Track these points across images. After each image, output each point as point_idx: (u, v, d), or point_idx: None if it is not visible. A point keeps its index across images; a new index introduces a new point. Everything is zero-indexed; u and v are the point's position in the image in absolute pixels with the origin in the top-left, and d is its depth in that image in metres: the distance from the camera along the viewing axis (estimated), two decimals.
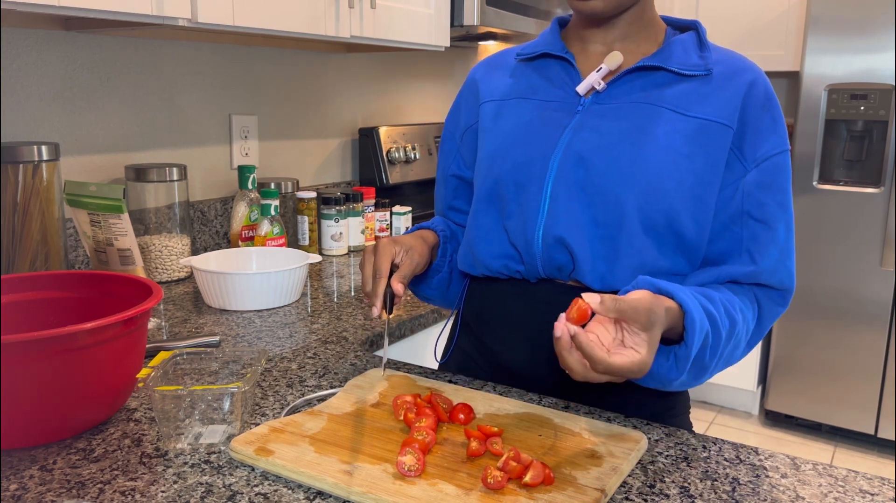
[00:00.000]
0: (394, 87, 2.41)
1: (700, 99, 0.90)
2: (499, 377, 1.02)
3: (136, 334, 0.87)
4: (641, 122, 0.90)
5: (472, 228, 1.00)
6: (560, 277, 0.94)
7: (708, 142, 0.89)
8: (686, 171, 0.88)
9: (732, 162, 0.90)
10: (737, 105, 0.89)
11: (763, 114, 0.90)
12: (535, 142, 0.94)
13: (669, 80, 0.92)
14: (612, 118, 0.91)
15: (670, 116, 0.89)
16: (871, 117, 2.74)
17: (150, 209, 1.54)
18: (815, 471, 0.79)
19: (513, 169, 0.95)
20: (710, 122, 0.89)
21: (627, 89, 0.93)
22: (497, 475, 0.71)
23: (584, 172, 0.90)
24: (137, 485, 0.74)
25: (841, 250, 2.85)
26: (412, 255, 0.97)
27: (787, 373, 3.04)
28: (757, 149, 0.90)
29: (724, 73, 0.91)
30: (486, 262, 0.98)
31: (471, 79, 1.08)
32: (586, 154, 0.90)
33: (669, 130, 0.89)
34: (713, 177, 0.89)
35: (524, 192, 0.93)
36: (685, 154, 0.88)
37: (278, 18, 1.44)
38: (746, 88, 0.90)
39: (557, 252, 0.92)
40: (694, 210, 0.89)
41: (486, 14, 1.96)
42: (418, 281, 1.07)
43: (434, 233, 1.06)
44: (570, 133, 0.92)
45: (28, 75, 1.45)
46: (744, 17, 3.14)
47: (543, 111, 0.96)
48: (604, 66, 0.93)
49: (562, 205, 0.91)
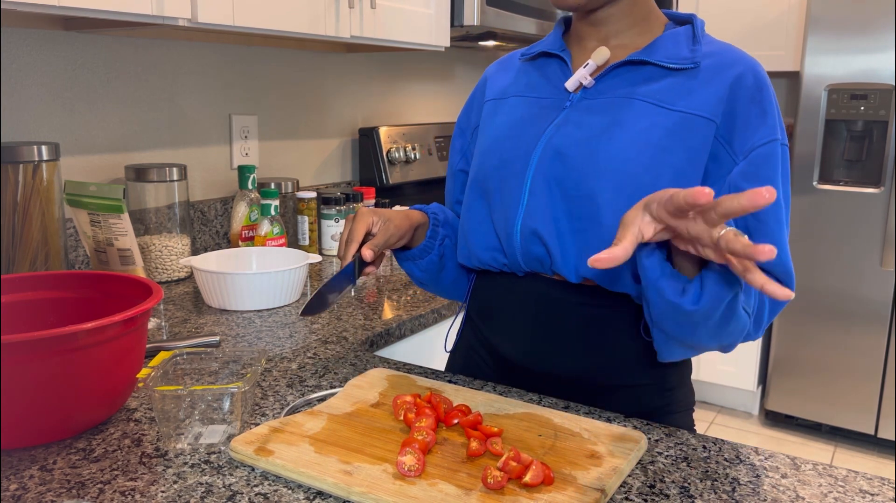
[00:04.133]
0: (394, 87, 2.41)
1: (685, 93, 0.90)
2: (500, 370, 1.03)
3: (136, 334, 0.87)
4: (622, 117, 0.90)
5: (465, 220, 1.03)
6: (543, 271, 0.95)
7: (688, 136, 0.88)
8: (664, 164, 0.88)
9: (722, 156, 0.89)
10: (722, 98, 0.88)
11: (751, 105, 0.89)
12: (521, 137, 0.96)
13: (656, 75, 0.92)
14: (595, 113, 0.92)
15: (651, 110, 0.89)
16: (871, 117, 2.74)
17: (150, 209, 1.54)
18: (815, 471, 0.79)
19: (499, 163, 0.97)
20: (691, 115, 0.88)
21: (614, 84, 0.93)
22: (497, 475, 0.71)
23: (561, 166, 0.91)
24: (137, 485, 0.74)
25: (841, 250, 2.85)
26: (388, 227, 0.99)
27: (787, 373, 3.04)
28: (745, 141, 0.88)
29: (713, 66, 0.91)
30: (478, 254, 1.01)
31: (483, 77, 1.11)
32: (564, 148, 0.92)
33: (649, 125, 0.89)
34: (693, 171, 0.88)
35: (507, 186, 0.96)
36: (664, 148, 0.88)
37: (278, 18, 1.44)
38: (733, 81, 0.89)
39: (534, 245, 0.93)
40: None
41: (486, 14, 1.96)
42: (408, 259, 1.07)
43: (423, 214, 1.07)
44: (553, 128, 0.94)
45: (28, 75, 1.45)
46: (744, 16, 3.14)
47: (536, 108, 0.98)
48: (591, 62, 0.94)
49: (539, 198, 0.92)
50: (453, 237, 1.09)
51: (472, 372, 1.08)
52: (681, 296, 0.78)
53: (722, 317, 0.80)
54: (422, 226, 1.06)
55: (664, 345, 0.89)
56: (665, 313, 0.82)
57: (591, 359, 0.95)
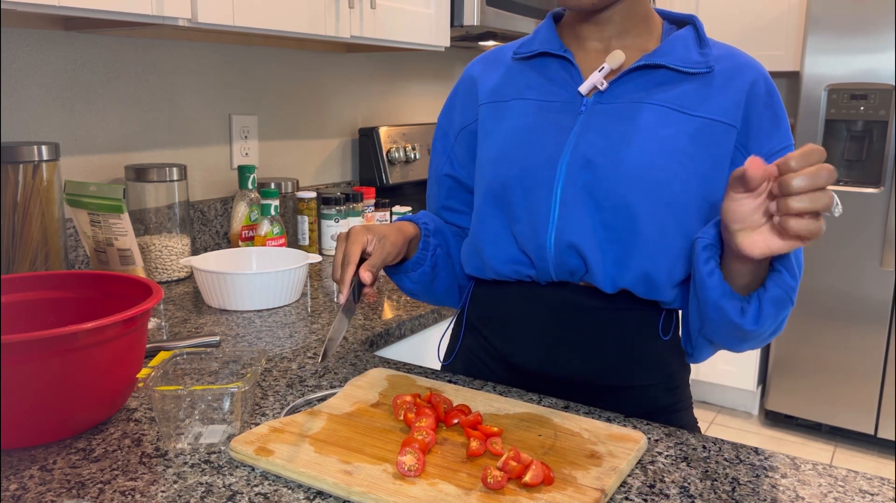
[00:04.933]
0: (394, 87, 2.41)
1: (703, 98, 0.90)
2: (512, 377, 1.01)
3: (136, 334, 0.87)
4: (643, 123, 0.89)
5: (479, 233, 0.98)
6: (572, 280, 0.94)
7: (712, 142, 0.88)
8: (692, 172, 0.88)
9: (739, 161, 0.89)
10: (740, 104, 0.89)
11: (765, 111, 0.90)
12: (541, 144, 0.93)
13: (671, 79, 0.91)
14: (617, 119, 0.91)
15: (674, 117, 0.89)
16: (871, 117, 2.74)
17: (150, 209, 1.54)
18: (815, 471, 0.79)
19: (520, 173, 0.93)
20: (713, 121, 0.89)
21: (630, 88, 0.92)
22: (497, 475, 0.71)
23: (591, 176, 0.89)
24: (137, 485, 0.74)
25: (841, 250, 2.85)
26: (384, 245, 0.93)
27: (787, 373, 3.04)
28: (761, 147, 0.89)
29: (727, 70, 0.91)
30: (496, 267, 0.97)
31: (467, 76, 1.05)
32: (593, 157, 0.89)
33: (674, 132, 0.88)
34: (718, 177, 0.89)
35: (532, 197, 0.92)
36: (690, 154, 0.88)
37: (278, 18, 1.44)
38: (749, 86, 0.90)
39: (570, 257, 0.91)
40: (701, 211, 0.89)
41: (486, 14, 1.96)
42: (400, 273, 1.04)
43: (415, 225, 1.02)
44: (575, 136, 0.91)
45: (28, 75, 1.45)
46: (744, 16, 3.14)
47: (547, 112, 0.95)
48: (606, 66, 0.92)
49: (571, 209, 0.90)
50: (444, 246, 1.05)
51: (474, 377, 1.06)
52: (741, 316, 0.83)
53: (772, 332, 0.87)
54: (414, 238, 1.01)
55: (704, 350, 0.92)
56: (721, 329, 0.86)
57: (608, 361, 0.95)
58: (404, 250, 0.98)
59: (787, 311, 0.87)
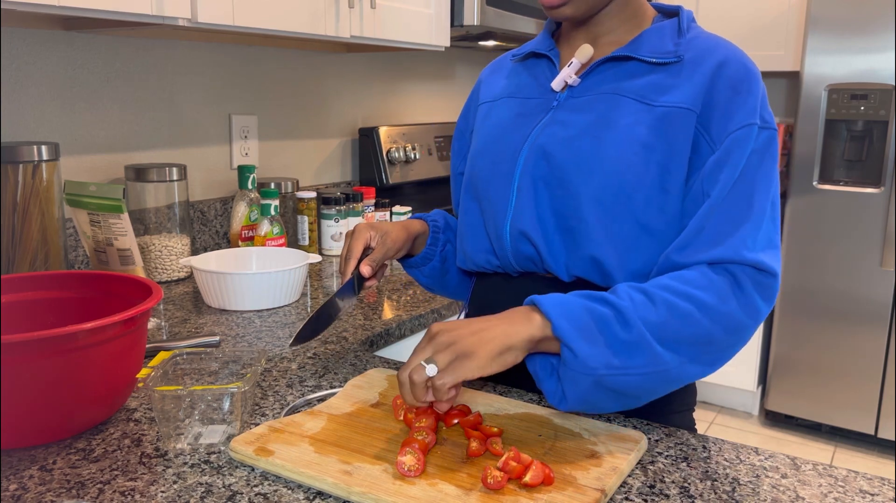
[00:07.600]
0: (394, 87, 2.41)
1: (669, 87, 0.89)
2: (511, 375, 1.01)
3: (136, 334, 0.87)
4: (606, 114, 0.90)
5: (460, 224, 1.05)
6: (536, 270, 0.96)
7: (670, 129, 0.87)
8: (649, 162, 0.87)
9: (701, 145, 0.87)
10: (703, 87, 0.87)
11: (731, 93, 0.87)
12: (509, 139, 0.97)
13: (641, 70, 0.91)
14: (581, 111, 0.92)
15: (635, 107, 0.89)
16: (871, 117, 2.74)
17: (150, 209, 1.54)
18: (815, 471, 0.79)
19: (488, 166, 0.98)
20: (675, 108, 0.87)
21: (599, 80, 0.93)
22: (497, 475, 0.71)
23: (546, 166, 0.92)
24: (137, 486, 0.74)
25: (841, 250, 2.85)
26: (385, 241, 1.02)
27: (787, 373, 3.03)
28: (723, 127, 0.87)
29: (696, 58, 0.90)
30: (472, 257, 1.02)
31: (478, 81, 1.13)
32: (549, 148, 0.92)
33: (632, 122, 0.89)
34: (677, 165, 0.87)
35: (495, 188, 0.97)
36: (647, 144, 0.87)
37: (278, 18, 1.44)
38: (715, 68, 0.88)
39: (523, 245, 0.94)
40: (659, 201, 0.88)
41: (486, 14, 1.96)
42: (412, 268, 1.11)
43: (423, 222, 1.10)
44: (539, 128, 0.95)
45: (28, 75, 1.45)
46: (744, 17, 3.14)
47: (523, 109, 0.98)
48: (574, 61, 0.94)
49: (525, 199, 0.93)
50: (455, 241, 1.11)
51: None
52: (560, 401, 0.82)
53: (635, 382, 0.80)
54: (421, 234, 1.08)
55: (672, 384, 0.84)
56: (602, 395, 0.81)
57: None
58: (407, 246, 1.06)
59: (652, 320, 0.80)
